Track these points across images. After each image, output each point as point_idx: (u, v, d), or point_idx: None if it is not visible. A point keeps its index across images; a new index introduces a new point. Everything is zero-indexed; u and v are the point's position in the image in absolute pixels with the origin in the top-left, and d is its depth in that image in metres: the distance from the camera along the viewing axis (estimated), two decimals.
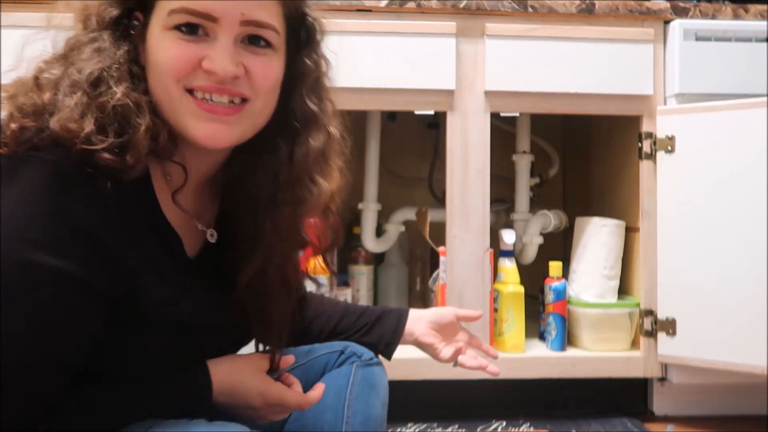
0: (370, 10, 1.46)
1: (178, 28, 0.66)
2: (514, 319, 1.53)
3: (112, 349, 0.66)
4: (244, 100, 0.69)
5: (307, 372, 0.94)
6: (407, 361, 1.48)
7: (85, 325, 0.61)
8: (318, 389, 0.78)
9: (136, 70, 0.67)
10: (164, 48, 0.66)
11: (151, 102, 0.66)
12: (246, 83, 0.68)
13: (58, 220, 0.58)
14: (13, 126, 0.61)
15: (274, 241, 0.74)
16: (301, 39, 0.75)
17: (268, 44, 0.69)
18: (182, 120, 0.67)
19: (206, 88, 0.66)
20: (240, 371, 0.74)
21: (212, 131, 0.67)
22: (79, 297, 0.60)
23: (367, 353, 0.95)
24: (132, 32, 0.69)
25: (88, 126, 0.61)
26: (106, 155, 0.61)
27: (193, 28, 0.66)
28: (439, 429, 1.45)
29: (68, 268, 0.58)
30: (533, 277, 1.73)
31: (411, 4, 1.46)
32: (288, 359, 0.81)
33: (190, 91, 0.67)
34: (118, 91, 0.63)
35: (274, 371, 0.80)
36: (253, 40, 0.68)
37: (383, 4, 1.46)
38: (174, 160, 0.69)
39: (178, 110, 0.67)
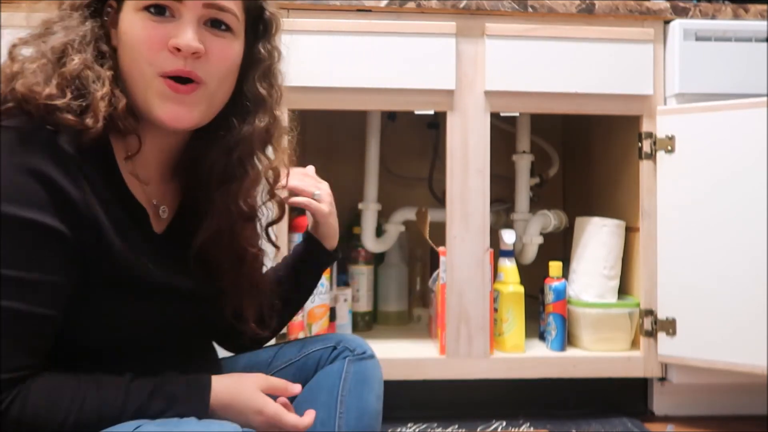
0: (370, 10, 1.46)
1: (147, 9, 0.72)
2: (514, 319, 1.53)
3: (91, 320, 0.70)
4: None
5: (301, 369, 0.95)
6: (407, 361, 1.48)
7: (55, 270, 0.66)
8: (309, 416, 0.78)
9: (105, 48, 0.73)
10: (136, 28, 0.72)
11: (115, 77, 0.72)
12: (204, 64, 0.73)
13: (24, 175, 0.64)
14: None
15: (224, 211, 0.80)
16: (259, 30, 0.82)
17: (228, 28, 0.75)
18: (150, 101, 0.73)
19: (173, 73, 0.72)
20: (239, 386, 0.74)
21: (175, 113, 0.73)
22: (49, 244, 0.65)
23: (360, 347, 0.95)
24: (105, 18, 0.75)
25: (50, 88, 0.67)
26: (67, 115, 0.67)
27: (160, 10, 0.72)
28: (439, 429, 1.45)
29: (36, 217, 0.64)
30: (533, 277, 1.73)
31: (411, 4, 1.46)
32: (293, 388, 0.80)
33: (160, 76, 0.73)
34: (77, 59, 0.70)
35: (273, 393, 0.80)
36: (214, 23, 0.74)
37: (383, 4, 1.46)
38: (133, 132, 0.74)
39: (148, 91, 0.72)
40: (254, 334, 0.88)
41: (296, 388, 0.80)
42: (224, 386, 0.73)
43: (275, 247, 0.95)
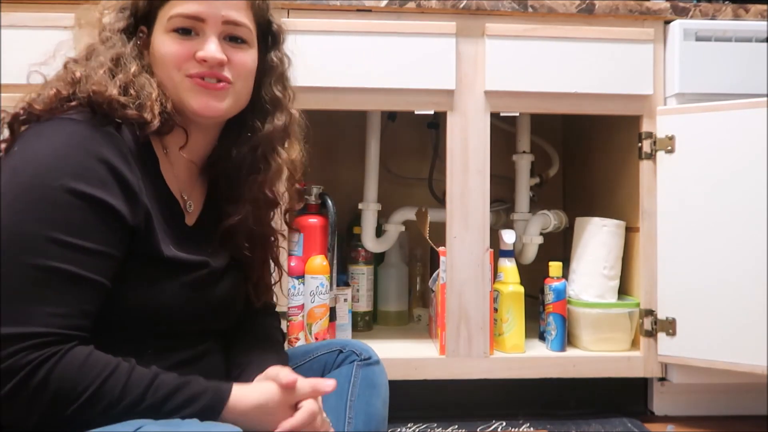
0: (370, 10, 1.46)
1: (176, 30, 0.84)
2: (514, 319, 1.53)
3: (127, 297, 0.76)
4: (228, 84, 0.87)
5: (307, 373, 0.95)
6: (407, 361, 1.48)
7: (111, 244, 0.73)
8: (329, 381, 0.79)
9: (145, 62, 0.85)
10: (167, 46, 0.85)
11: (157, 83, 0.84)
12: (229, 70, 0.86)
13: (92, 160, 0.73)
14: (51, 91, 0.78)
15: (252, 199, 0.91)
16: (269, 41, 0.94)
17: (244, 41, 0.88)
18: (183, 96, 0.85)
19: (201, 73, 0.84)
20: (265, 404, 0.76)
21: (207, 102, 0.85)
22: (108, 220, 0.73)
23: (366, 352, 0.96)
24: (138, 42, 0.87)
25: (115, 89, 0.79)
26: (130, 111, 0.79)
27: (186, 31, 0.85)
28: (439, 429, 1.45)
29: (101, 196, 0.72)
30: (533, 277, 1.73)
31: (411, 4, 1.46)
32: (323, 387, 0.80)
33: (188, 77, 0.85)
34: (134, 67, 0.83)
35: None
36: (232, 39, 0.87)
37: (383, 4, 1.46)
38: (182, 126, 0.86)
39: (179, 90, 0.84)
40: (268, 302, 1.00)
41: (327, 384, 0.79)
42: (249, 401, 0.75)
43: (292, 230, 1.08)
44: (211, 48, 0.84)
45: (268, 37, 0.95)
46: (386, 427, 0.93)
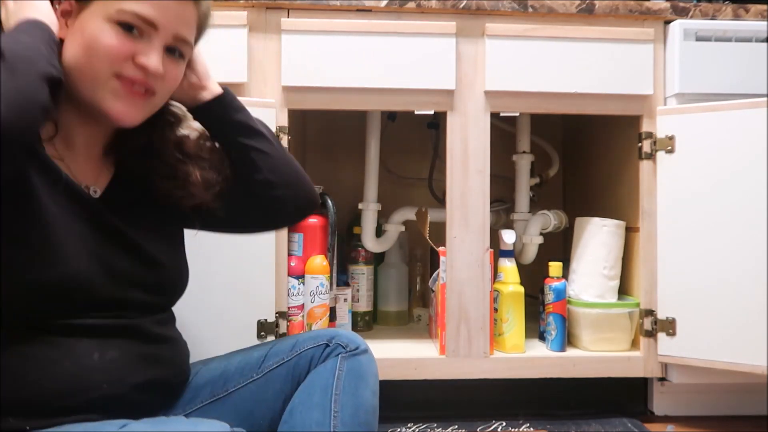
0: (370, 10, 1.46)
1: (121, 24, 0.80)
2: (514, 319, 1.53)
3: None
4: (148, 91, 0.85)
5: (294, 368, 0.94)
6: (407, 361, 1.48)
7: None
8: None
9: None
10: (104, 36, 0.80)
11: (67, 66, 0.81)
12: (160, 82, 0.85)
13: None
14: None
15: (169, 153, 0.94)
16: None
17: (182, 56, 0.88)
18: (102, 96, 0.81)
19: (136, 80, 0.82)
20: None
21: (127, 110, 0.83)
22: None
23: (353, 343, 0.95)
24: (56, 5, 0.82)
25: None
26: None
27: (131, 28, 0.81)
28: (439, 429, 1.45)
29: None
30: (533, 277, 1.73)
31: (411, 4, 1.46)
32: None
33: (117, 76, 0.82)
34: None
35: None
36: (171, 50, 0.86)
37: (383, 4, 1.46)
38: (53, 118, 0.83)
39: (100, 88, 0.81)
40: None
41: None
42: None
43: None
44: (154, 59, 0.82)
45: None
46: (377, 417, 0.92)
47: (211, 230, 1.05)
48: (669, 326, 1.48)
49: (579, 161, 1.98)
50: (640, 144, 1.52)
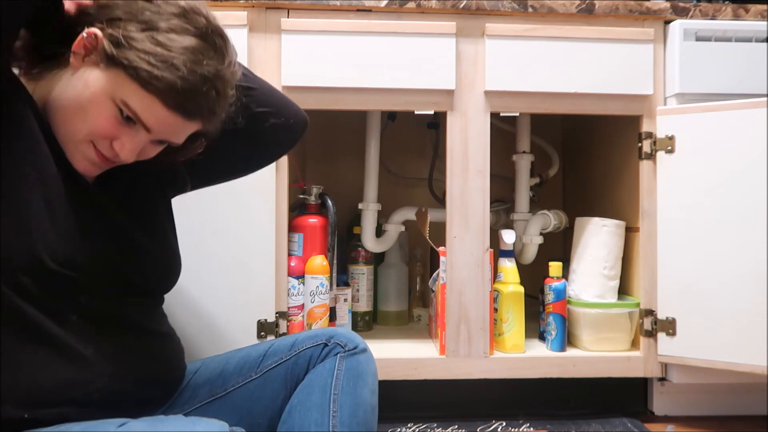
0: (370, 10, 1.46)
1: (120, 109, 0.78)
2: (514, 319, 1.53)
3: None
4: None
5: (292, 368, 0.94)
6: (407, 361, 1.48)
7: None
8: None
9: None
10: (100, 111, 0.78)
11: (51, 103, 0.81)
12: (131, 158, 0.82)
13: None
14: None
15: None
16: None
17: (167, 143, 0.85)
18: (72, 150, 0.81)
19: (108, 158, 0.81)
20: None
21: (91, 169, 0.83)
22: None
23: (351, 342, 0.94)
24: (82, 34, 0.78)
25: None
26: None
27: (128, 118, 0.79)
28: (439, 429, 1.45)
29: None
30: (533, 277, 1.73)
31: (411, 4, 1.46)
32: None
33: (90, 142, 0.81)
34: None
35: None
36: (161, 142, 0.84)
37: (383, 4, 1.46)
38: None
39: (73, 144, 0.80)
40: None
41: None
42: None
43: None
44: (127, 151, 0.80)
45: None
46: (376, 416, 0.92)
47: (207, 184, 1.06)
48: (669, 326, 1.48)
49: (579, 161, 1.98)
50: (640, 144, 1.52)
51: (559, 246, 1.96)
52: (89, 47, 0.77)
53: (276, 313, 1.43)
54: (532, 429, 1.46)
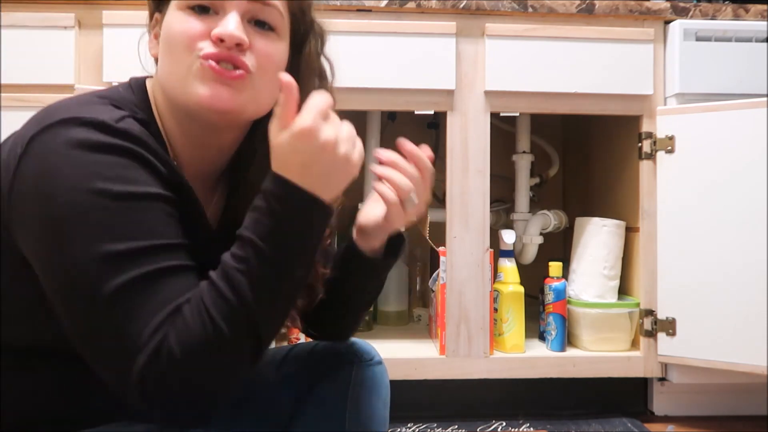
0: (370, 10, 1.46)
1: (191, 8, 0.72)
2: (514, 319, 1.53)
3: None
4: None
5: (310, 373, 0.94)
6: (407, 361, 1.48)
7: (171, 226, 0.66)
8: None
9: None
10: (178, 23, 0.72)
11: (158, 82, 0.75)
12: (251, 57, 0.72)
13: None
14: None
15: None
16: (308, 44, 0.79)
17: (272, 28, 0.74)
18: (190, 85, 0.71)
19: (215, 55, 0.70)
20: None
21: (217, 92, 0.70)
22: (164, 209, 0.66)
23: (368, 353, 0.95)
24: (150, 31, 0.78)
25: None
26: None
27: (204, 9, 0.72)
28: (439, 429, 1.45)
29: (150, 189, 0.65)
30: (533, 277, 1.73)
31: (411, 4, 1.46)
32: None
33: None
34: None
35: None
36: (258, 23, 0.73)
37: (383, 4, 1.46)
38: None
39: (188, 76, 0.71)
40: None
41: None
42: None
43: None
44: (230, 25, 0.70)
45: (308, 38, 0.80)
46: (387, 428, 0.93)
47: None
48: (669, 326, 1.48)
49: (579, 161, 1.98)
50: (640, 144, 1.52)
51: (559, 246, 1.96)
52: (155, 27, 0.77)
53: None
54: (532, 429, 1.46)
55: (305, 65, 0.79)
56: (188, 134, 0.76)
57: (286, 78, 0.65)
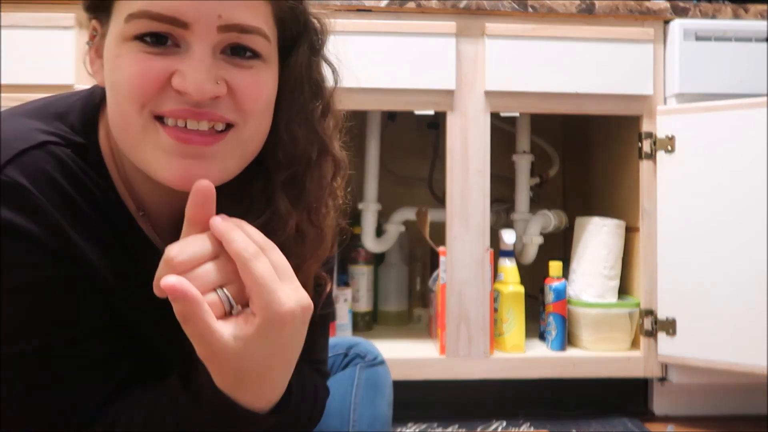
0: (370, 10, 1.46)
1: (140, 38, 0.52)
2: (514, 319, 1.53)
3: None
4: (228, 126, 0.55)
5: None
6: (407, 361, 1.48)
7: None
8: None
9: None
10: (123, 64, 0.53)
11: (107, 122, 0.59)
12: (230, 104, 0.54)
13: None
14: None
15: None
16: (302, 47, 0.64)
17: (256, 55, 0.56)
18: (149, 157, 0.54)
19: (179, 113, 0.53)
20: None
21: (188, 170, 0.53)
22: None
23: (371, 353, 0.95)
24: (88, 43, 0.59)
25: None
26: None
27: (159, 38, 0.53)
28: (439, 429, 1.45)
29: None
30: (533, 277, 1.73)
31: (411, 4, 1.46)
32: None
33: (160, 119, 0.53)
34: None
35: None
36: (236, 50, 0.55)
37: (383, 4, 1.46)
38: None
39: (142, 144, 0.54)
40: None
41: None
42: None
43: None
44: (196, 72, 0.51)
45: (299, 43, 0.63)
46: (391, 428, 0.93)
47: None
48: (669, 326, 1.48)
49: (579, 161, 1.98)
50: (640, 144, 1.52)
51: (559, 246, 1.96)
52: (98, 46, 0.59)
53: None
54: (532, 429, 1.46)
55: (291, 76, 0.62)
56: (150, 182, 0.58)
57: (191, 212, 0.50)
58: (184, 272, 0.47)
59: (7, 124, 0.56)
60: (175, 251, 0.47)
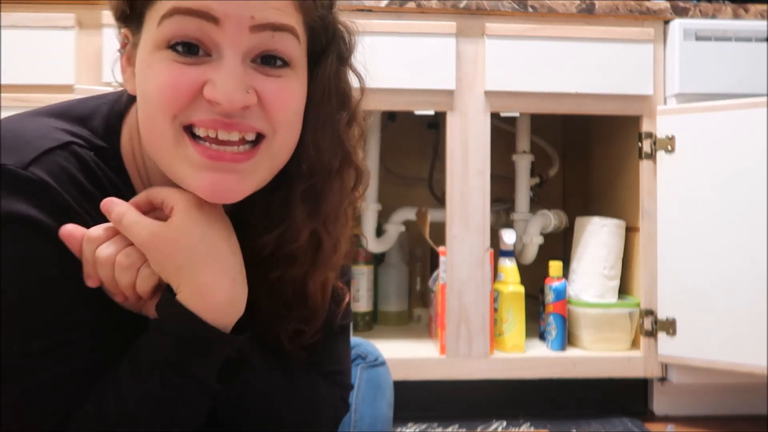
0: (370, 10, 1.46)
1: (173, 47, 0.53)
2: (514, 319, 1.53)
3: None
4: (259, 137, 0.56)
5: None
6: (407, 361, 1.48)
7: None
8: None
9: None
10: (155, 74, 0.53)
11: (133, 135, 0.61)
12: (260, 114, 0.55)
13: None
14: None
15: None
16: (331, 57, 0.64)
17: (286, 63, 0.56)
18: (179, 168, 0.55)
19: (210, 123, 0.53)
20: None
21: (218, 183, 0.54)
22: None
23: (372, 354, 0.95)
24: (120, 52, 0.60)
25: None
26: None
27: (191, 48, 0.53)
28: (439, 429, 1.45)
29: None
30: (533, 277, 1.73)
31: (411, 4, 1.46)
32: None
33: (189, 128, 0.54)
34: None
35: None
36: (266, 59, 0.55)
37: (383, 4, 1.46)
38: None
39: (173, 156, 0.55)
40: None
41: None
42: None
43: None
44: (227, 81, 0.52)
45: (327, 53, 0.64)
46: (391, 428, 0.93)
47: None
48: (669, 326, 1.47)
49: (579, 161, 1.98)
50: (640, 144, 1.52)
51: (559, 246, 1.96)
52: (129, 55, 0.59)
53: None
54: (532, 429, 1.46)
55: (319, 87, 0.61)
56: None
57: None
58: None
59: (32, 123, 0.58)
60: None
